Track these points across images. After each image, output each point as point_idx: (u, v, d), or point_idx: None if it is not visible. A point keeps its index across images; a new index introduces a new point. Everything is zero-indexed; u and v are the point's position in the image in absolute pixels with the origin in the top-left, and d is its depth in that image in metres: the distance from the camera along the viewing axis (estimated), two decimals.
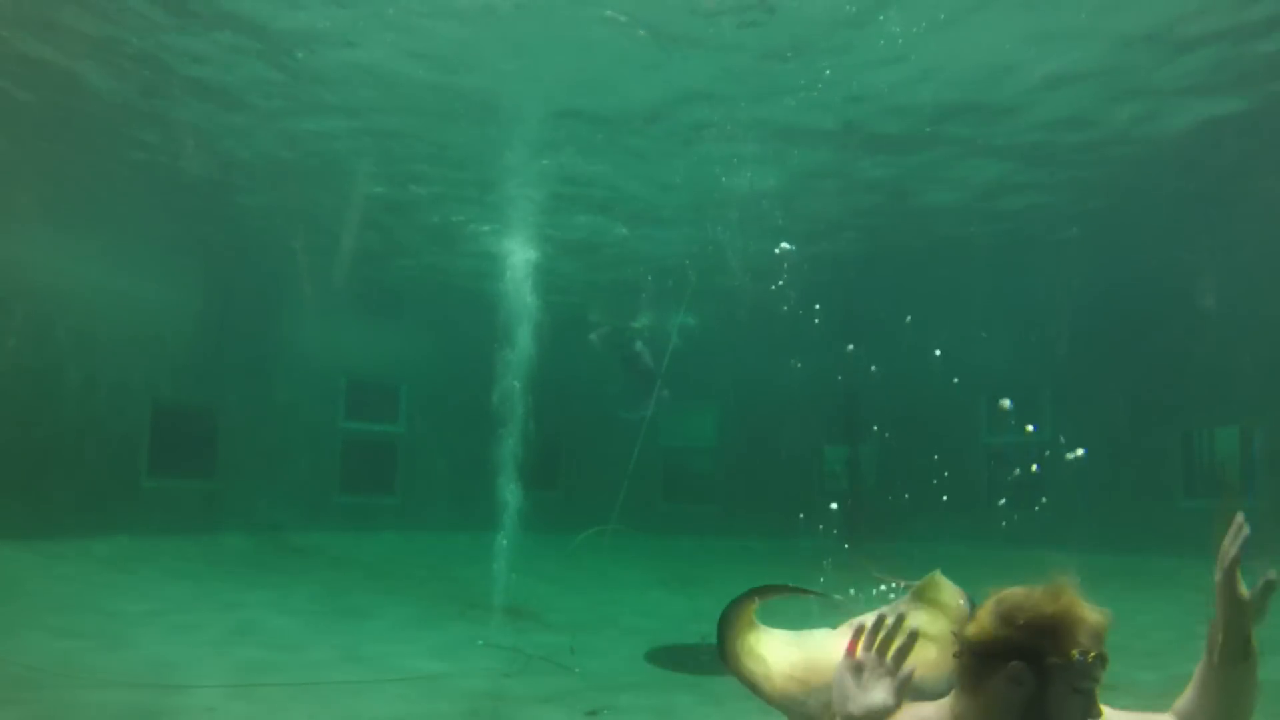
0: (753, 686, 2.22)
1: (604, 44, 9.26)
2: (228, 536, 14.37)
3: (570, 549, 13.44)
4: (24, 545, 11.57)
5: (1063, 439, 15.61)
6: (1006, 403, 12.78)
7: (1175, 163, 12.21)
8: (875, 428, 18.19)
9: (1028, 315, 16.35)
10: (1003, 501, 17.83)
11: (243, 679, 7.23)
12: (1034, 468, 17.13)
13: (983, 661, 1.73)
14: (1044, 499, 17.05)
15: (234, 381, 15.65)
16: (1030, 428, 17.17)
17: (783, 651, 2.28)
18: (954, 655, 1.81)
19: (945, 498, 17.88)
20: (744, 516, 17.99)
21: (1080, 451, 13.81)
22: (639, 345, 14.93)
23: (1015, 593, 1.76)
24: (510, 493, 13.25)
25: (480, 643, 9.23)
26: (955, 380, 17.91)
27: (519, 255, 15.75)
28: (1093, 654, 1.67)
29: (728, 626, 2.31)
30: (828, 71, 9.79)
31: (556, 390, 16.16)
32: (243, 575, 12.42)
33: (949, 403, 18.29)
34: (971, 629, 1.77)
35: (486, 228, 15.15)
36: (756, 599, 2.36)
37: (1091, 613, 1.71)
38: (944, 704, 1.83)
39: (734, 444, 20.01)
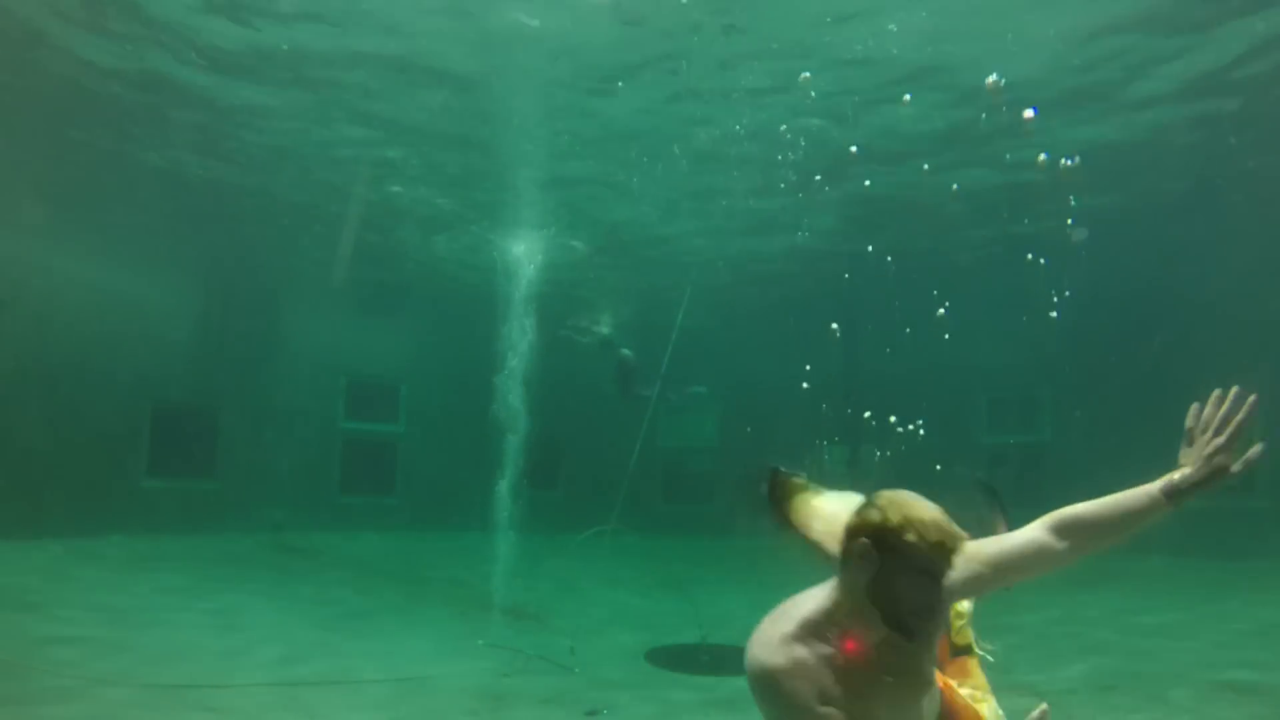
0: (816, 544, 2.46)
1: (610, 43, 9.23)
2: (228, 536, 14.36)
3: (570, 549, 13.43)
4: (24, 545, 11.57)
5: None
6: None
7: (1176, 161, 12.21)
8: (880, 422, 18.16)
9: (1028, 315, 16.34)
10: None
11: (242, 679, 7.23)
12: None
13: (848, 543, 2.05)
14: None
15: (234, 381, 15.65)
16: None
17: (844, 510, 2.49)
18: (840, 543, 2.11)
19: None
20: (744, 516, 18.00)
21: (1079, 234, 13.31)
22: (625, 351, 15.02)
23: (887, 490, 2.11)
24: (510, 493, 13.24)
25: (480, 643, 9.23)
26: (954, 379, 17.94)
27: (520, 254, 15.75)
28: (932, 541, 1.93)
29: (780, 490, 2.61)
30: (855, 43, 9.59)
31: (556, 390, 16.17)
32: (242, 575, 12.41)
33: (948, 402, 18.31)
34: (849, 518, 2.09)
35: (487, 226, 15.15)
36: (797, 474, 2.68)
37: (940, 517, 1.99)
38: (829, 584, 2.12)
39: (734, 444, 20.01)
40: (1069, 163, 11.60)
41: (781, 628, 2.06)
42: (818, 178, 12.47)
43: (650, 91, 10.46)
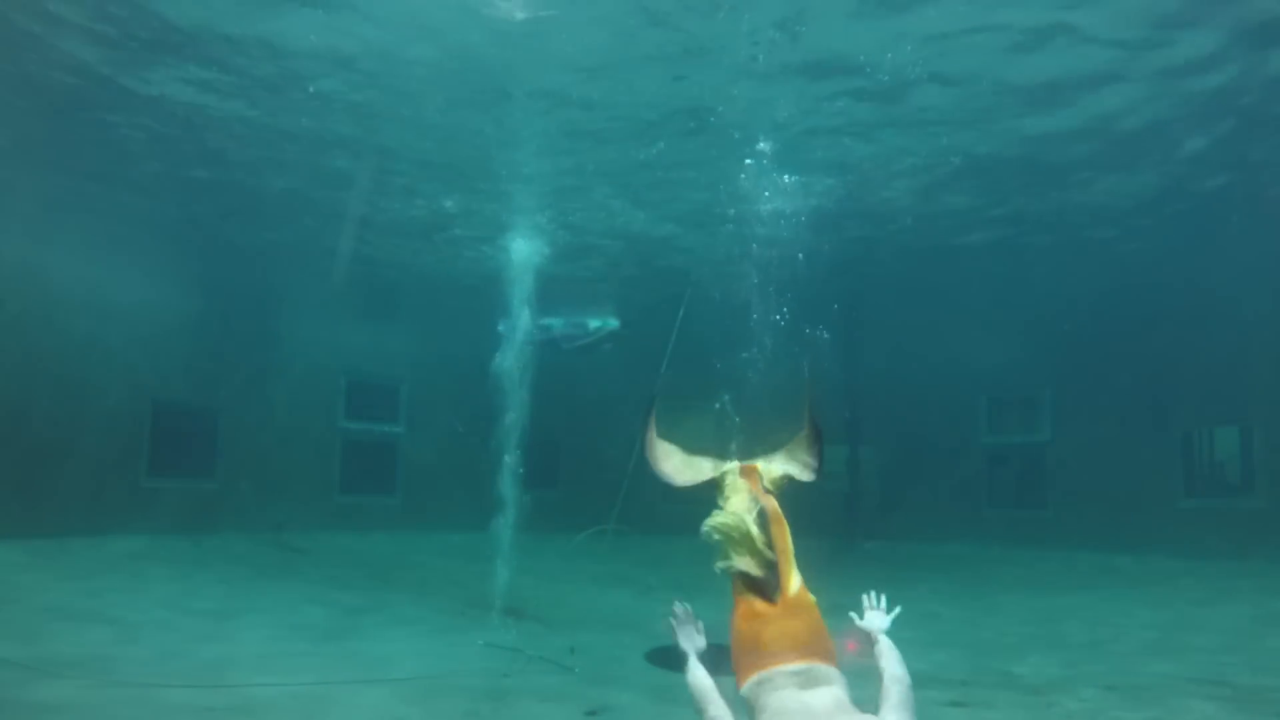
0: (664, 473, 4.44)
1: (614, 32, 9.14)
2: (228, 536, 14.37)
3: (570, 549, 13.44)
4: (24, 545, 11.58)
5: None
6: None
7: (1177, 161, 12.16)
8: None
9: (1028, 315, 16.36)
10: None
11: (241, 679, 7.24)
12: None
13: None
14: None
15: (234, 381, 15.65)
16: None
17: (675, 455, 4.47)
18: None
19: (943, 497, 17.88)
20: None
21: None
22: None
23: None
24: (510, 492, 13.23)
25: (480, 643, 9.24)
26: (955, 381, 17.92)
27: (520, 253, 15.74)
28: None
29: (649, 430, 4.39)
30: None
31: (556, 390, 16.19)
32: (242, 575, 12.43)
33: (949, 402, 18.30)
34: None
35: (487, 224, 15.13)
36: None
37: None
38: None
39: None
40: None
41: None
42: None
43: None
